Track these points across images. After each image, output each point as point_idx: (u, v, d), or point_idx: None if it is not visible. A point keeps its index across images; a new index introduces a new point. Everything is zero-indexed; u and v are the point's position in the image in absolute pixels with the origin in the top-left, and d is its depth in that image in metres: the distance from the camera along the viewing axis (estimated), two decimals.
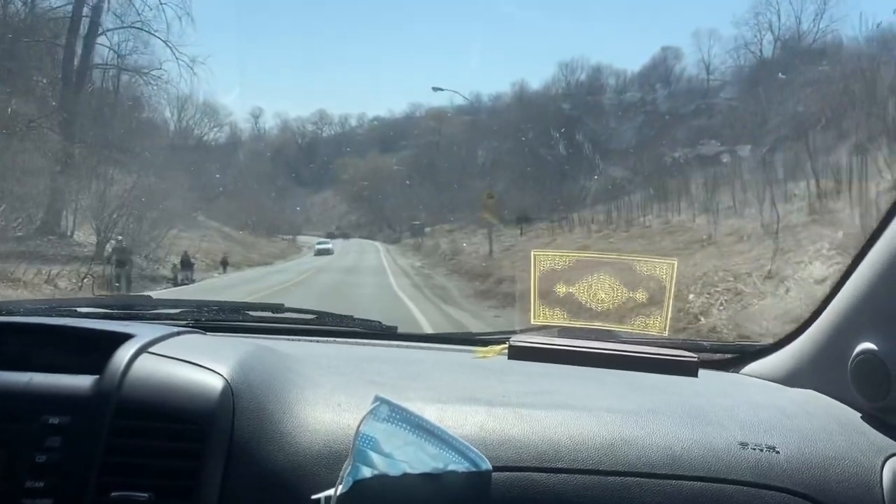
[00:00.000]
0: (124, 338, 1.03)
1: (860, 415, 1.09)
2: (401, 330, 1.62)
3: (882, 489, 0.94)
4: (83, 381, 0.94)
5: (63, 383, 0.94)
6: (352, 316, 1.63)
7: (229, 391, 0.96)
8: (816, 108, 15.85)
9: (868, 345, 1.08)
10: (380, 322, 1.61)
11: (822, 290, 1.28)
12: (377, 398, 0.89)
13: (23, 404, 0.92)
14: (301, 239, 45.75)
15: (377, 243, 47.75)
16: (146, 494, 0.87)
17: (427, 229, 36.76)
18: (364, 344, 1.54)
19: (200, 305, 1.61)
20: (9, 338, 1.09)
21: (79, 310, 1.53)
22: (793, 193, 13.09)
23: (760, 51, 32.05)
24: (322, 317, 1.62)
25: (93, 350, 1.00)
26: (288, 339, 1.49)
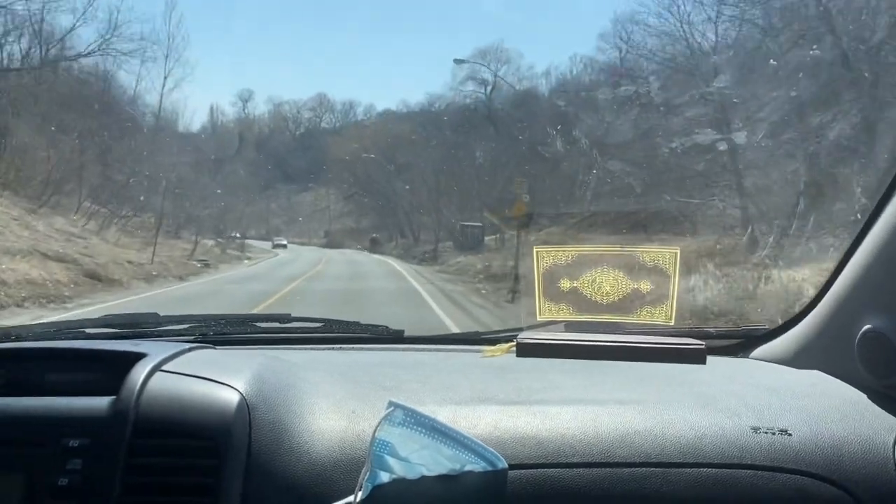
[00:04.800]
0: (137, 357, 1.04)
1: (868, 393, 1.10)
2: (408, 333, 1.62)
3: (895, 466, 0.95)
4: (100, 403, 0.95)
5: (81, 405, 0.95)
6: (358, 322, 1.64)
7: (245, 405, 0.97)
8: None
9: (873, 323, 1.08)
10: (387, 326, 1.62)
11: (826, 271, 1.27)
12: (391, 403, 0.90)
13: (43, 428, 0.93)
14: (256, 243, 32.42)
15: (392, 260, 27.56)
16: None
17: (486, 239, 22.90)
18: (372, 349, 1.54)
19: (207, 319, 1.62)
20: (23, 363, 1.10)
21: (87, 331, 1.54)
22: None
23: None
24: (329, 324, 1.63)
25: (106, 371, 1.02)
26: (296, 349, 1.50)
